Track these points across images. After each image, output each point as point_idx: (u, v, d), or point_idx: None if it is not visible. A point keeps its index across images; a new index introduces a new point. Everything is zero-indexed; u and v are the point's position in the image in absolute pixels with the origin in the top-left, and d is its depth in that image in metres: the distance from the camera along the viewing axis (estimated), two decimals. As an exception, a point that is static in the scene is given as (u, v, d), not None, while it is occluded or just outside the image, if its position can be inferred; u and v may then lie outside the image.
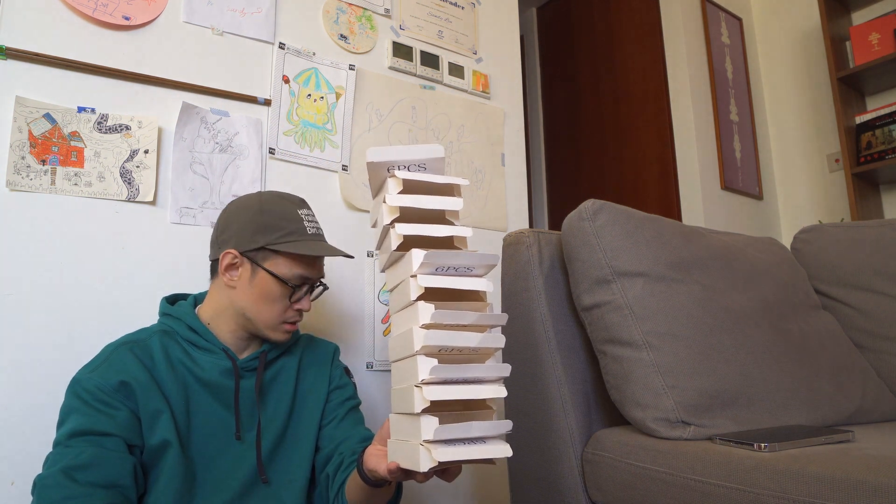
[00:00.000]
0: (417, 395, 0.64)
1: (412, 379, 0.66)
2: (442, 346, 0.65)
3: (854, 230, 1.31)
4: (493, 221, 1.73)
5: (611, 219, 1.00)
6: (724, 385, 0.92)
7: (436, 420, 0.64)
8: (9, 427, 1.01)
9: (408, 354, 0.68)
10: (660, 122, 2.46)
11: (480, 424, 0.65)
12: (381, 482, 0.81)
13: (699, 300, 0.99)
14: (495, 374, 0.67)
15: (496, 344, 0.67)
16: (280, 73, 1.40)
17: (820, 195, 2.47)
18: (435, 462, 0.62)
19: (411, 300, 0.68)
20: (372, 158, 0.71)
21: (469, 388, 0.65)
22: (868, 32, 2.19)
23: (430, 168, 0.73)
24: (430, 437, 0.63)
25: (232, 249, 0.94)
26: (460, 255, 0.68)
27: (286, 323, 0.97)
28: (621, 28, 2.70)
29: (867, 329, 1.23)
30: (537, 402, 1.03)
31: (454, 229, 0.71)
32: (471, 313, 0.67)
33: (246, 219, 0.96)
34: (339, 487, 0.92)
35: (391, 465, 0.72)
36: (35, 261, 1.07)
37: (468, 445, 0.64)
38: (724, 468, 0.78)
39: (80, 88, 1.16)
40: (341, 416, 1.02)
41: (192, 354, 0.94)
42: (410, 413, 0.67)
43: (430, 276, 0.67)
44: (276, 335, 0.97)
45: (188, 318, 0.95)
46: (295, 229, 0.95)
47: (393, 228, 0.70)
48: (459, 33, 1.78)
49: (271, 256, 0.94)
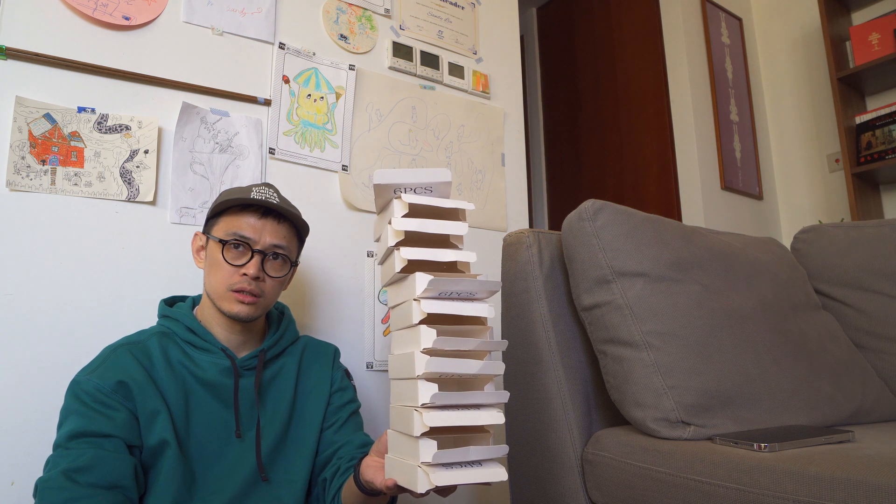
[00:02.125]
0: (417, 419, 0.66)
1: (412, 401, 0.67)
2: (443, 373, 0.66)
3: (854, 230, 1.31)
4: (493, 221, 1.73)
5: (611, 219, 1.00)
6: (724, 385, 0.92)
7: (434, 444, 0.65)
8: (9, 427, 1.01)
9: (409, 376, 0.69)
10: (660, 122, 2.47)
11: (478, 449, 0.66)
12: (377, 492, 0.82)
13: (699, 300, 0.99)
14: (494, 400, 0.68)
15: (496, 371, 0.69)
16: (280, 73, 1.40)
17: (820, 195, 2.47)
18: (432, 485, 0.64)
19: (413, 323, 0.68)
20: (378, 181, 0.71)
21: (468, 414, 0.67)
22: (868, 32, 2.19)
23: (437, 191, 0.74)
24: (428, 461, 0.64)
25: (197, 231, 1.02)
26: (463, 281, 0.68)
27: (234, 291, 0.93)
28: (621, 28, 2.70)
29: (867, 329, 1.23)
30: (537, 402, 1.03)
31: (458, 254, 0.71)
32: (472, 340, 0.67)
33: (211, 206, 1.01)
34: (335, 492, 0.93)
35: (388, 481, 0.73)
36: (35, 261, 1.07)
37: (465, 469, 0.66)
38: (724, 468, 0.78)
39: (80, 88, 1.16)
40: (343, 420, 1.03)
41: (190, 355, 0.94)
42: (409, 434, 0.68)
43: (433, 300, 0.68)
44: (228, 305, 0.94)
45: (186, 319, 0.96)
46: (240, 195, 0.96)
47: (397, 251, 0.70)
48: (459, 33, 1.78)
49: (215, 224, 0.97)
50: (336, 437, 1.01)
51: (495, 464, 0.68)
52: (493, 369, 0.68)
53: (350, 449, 0.98)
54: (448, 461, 0.65)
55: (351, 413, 1.05)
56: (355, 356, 1.41)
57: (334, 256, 1.42)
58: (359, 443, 0.99)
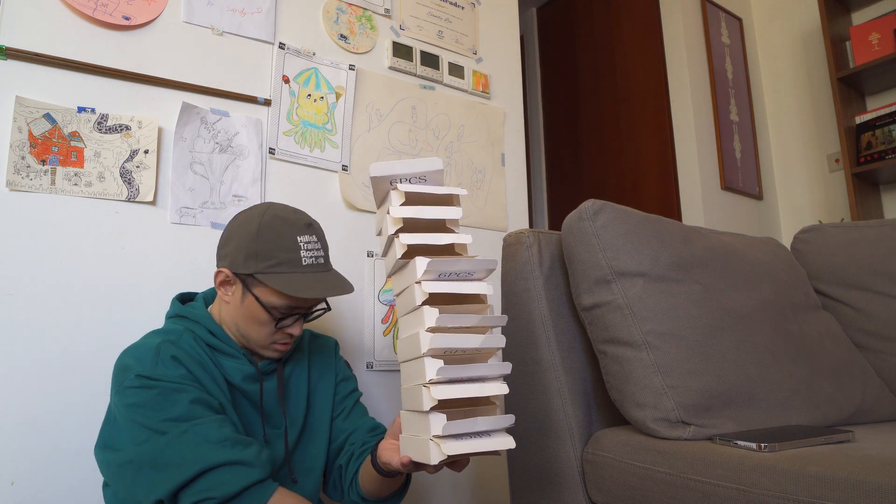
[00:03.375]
0: (426, 394, 0.70)
1: (420, 379, 0.71)
2: (447, 348, 0.70)
3: (854, 230, 1.31)
4: (493, 221, 1.72)
5: (611, 219, 0.99)
6: (724, 385, 0.92)
7: (443, 417, 0.69)
8: (9, 427, 1.01)
9: (415, 356, 0.73)
10: (660, 122, 2.46)
11: (485, 420, 0.70)
12: (394, 473, 0.87)
13: (699, 300, 0.99)
14: (497, 372, 0.72)
15: (497, 344, 0.72)
16: (280, 73, 1.40)
17: (820, 195, 2.47)
18: (444, 455, 0.68)
19: (417, 305, 0.72)
20: (375, 173, 0.76)
21: (473, 387, 0.71)
22: (868, 32, 2.19)
23: (430, 180, 0.78)
24: (438, 433, 0.68)
25: (226, 269, 0.94)
26: (461, 261, 0.73)
27: (276, 343, 0.96)
28: (621, 28, 2.70)
29: (867, 329, 1.23)
30: (537, 402, 1.03)
31: (455, 237, 0.76)
32: (473, 316, 0.72)
33: (242, 240, 0.93)
34: (352, 477, 0.98)
35: (404, 458, 0.77)
36: (35, 261, 1.07)
37: (474, 439, 0.70)
38: (724, 468, 0.78)
39: (80, 88, 1.16)
40: (350, 407, 1.07)
41: (215, 358, 0.94)
42: (420, 410, 0.72)
43: (433, 282, 0.72)
44: (268, 353, 0.97)
45: (206, 321, 0.96)
46: (287, 259, 0.91)
47: (397, 238, 0.75)
48: (459, 33, 1.77)
49: (260, 284, 0.92)
50: (346, 424, 1.04)
51: (503, 433, 0.72)
52: (494, 342, 0.72)
53: (361, 434, 1.02)
54: (457, 432, 0.69)
55: (356, 400, 1.09)
56: (355, 356, 1.41)
57: (334, 256, 1.42)
58: (368, 427, 1.04)
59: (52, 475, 1.03)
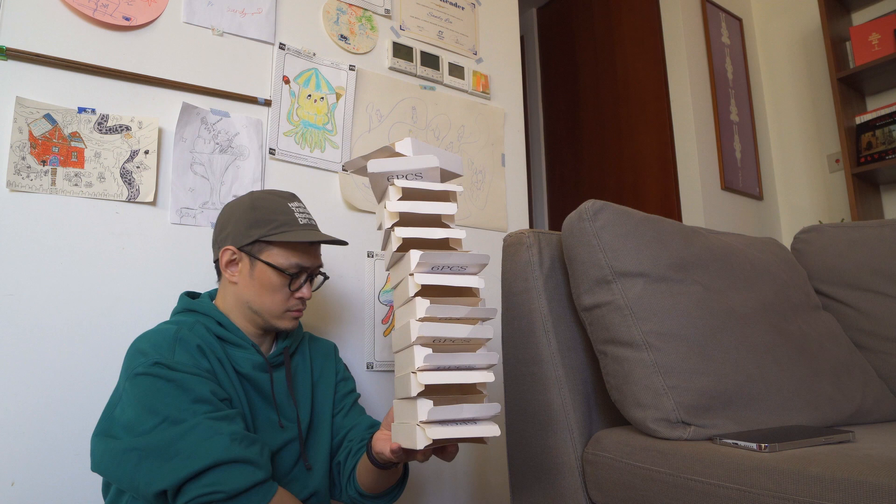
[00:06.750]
0: (413, 381, 0.71)
1: (410, 367, 0.73)
2: (436, 337, 0.72)
3: (854, 230, 1.31)
4: (493, 221, 1.73)
5: (611, 219, 1.00)
6: (724, 385, 0.92)
7: (430, 403, 0.71)
8: (9, 427, 1.01)
9: (406, 345, 0.75)
10: (660, 122, 2.46)
11: (471, 406, 0.72)
12: (389, 464, 0.88)
13: (699, 300, 0.99)
14: (484, 361, 0.74)
15: (485, 335, 0.74)
16: (280, 73, 1.40)
17: (820, 195, 2.47)
18: (429, 440, 0.69)
19: (410, 296, 0.74)
20: (372, 170, 0.78)
21: (460, 374, 0.72)
22: (868, 33, 2.19)
23: (426, 176, 0.80)
24: (424, 418, 0.70)
25: (230, 246, 0.98)
26: (453, 255, 0.75)
27: (290, 311, 1.00)
28: (621, 28, 2.70)
29: (867, 329, 1.23)
30: (537, 402, 1.03)
31: (448, 232, 0.78)
32: (463, 307, 0.74)
33: (239, 215, 1.00)
34: (350, 472, 1.00)
35: (393, 445, 0.78)
36: (35, 261, 1.07)
37: (460, 426, 0.71)
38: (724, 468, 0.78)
39: (81, 89, 1.16)
40: (349, 405, 1.09)
41: (225, 349, 0.96)
42: (409, 397, 0.74)
43: (426, 274, 0.74)
44: (283, 323, 1.00)
45: (215, 314, 0.98)
46: (286, 220, 0.98)
47: (393, 232, 0.77)
48: (459, 34, 1.78)
49: (266, 248, 0.98)
50: (345, 421, 1.07)
51: (489, 422, 0.73)
52: (483, 333, 0.74)
53: (359, 430, 1.05)
54: (443, 418, 0.70)
55: (355, 400, 1.12)
56: (356, 356, 1.41)
57: (334, 257, 1.42)
58: (367, 424, 1.07)
59: (52, 475, 1.03)
